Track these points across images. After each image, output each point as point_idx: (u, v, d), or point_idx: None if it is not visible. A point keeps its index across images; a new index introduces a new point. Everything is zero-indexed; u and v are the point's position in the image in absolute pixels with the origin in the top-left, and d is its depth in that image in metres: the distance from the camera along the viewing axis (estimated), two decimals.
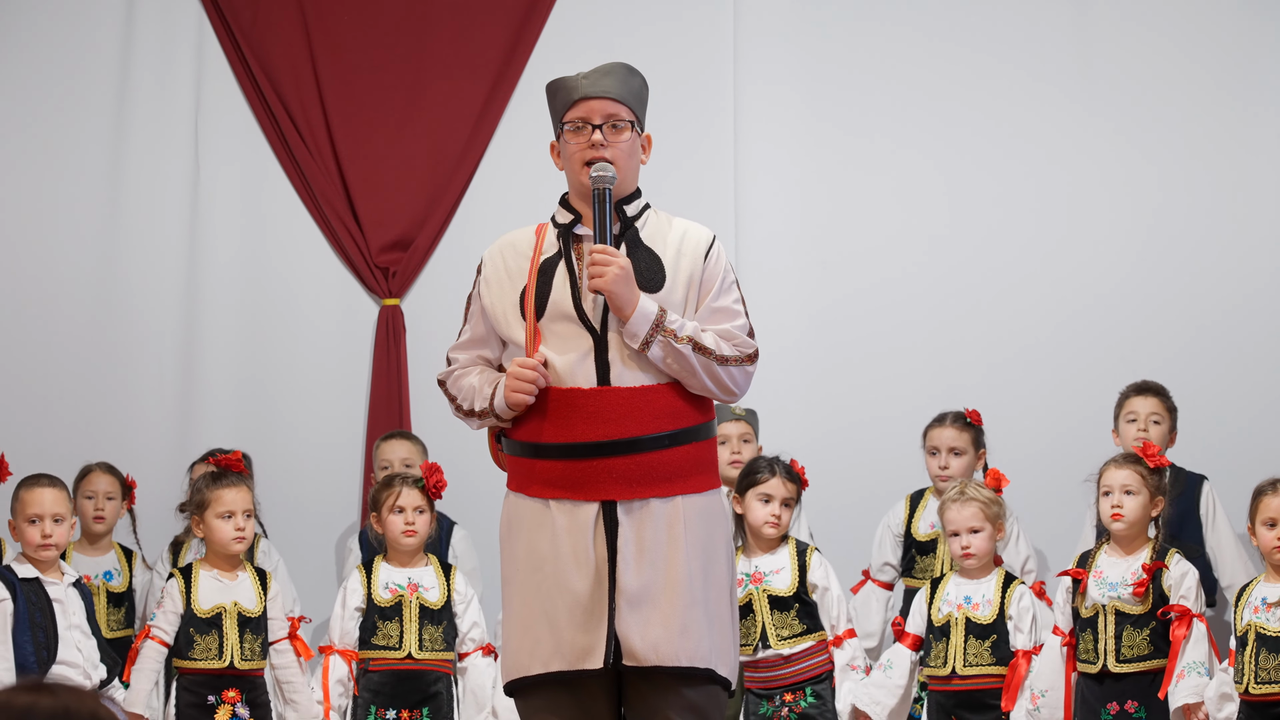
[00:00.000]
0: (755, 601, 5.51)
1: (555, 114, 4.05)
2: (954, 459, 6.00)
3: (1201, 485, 5.97)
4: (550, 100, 4.06)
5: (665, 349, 3.89)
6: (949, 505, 5.48)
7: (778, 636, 5.50)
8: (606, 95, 3.98)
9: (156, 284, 7.00)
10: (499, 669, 5.58)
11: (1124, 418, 6.03)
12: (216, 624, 5.46)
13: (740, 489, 5.55)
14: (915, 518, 6.06)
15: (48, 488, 5.33)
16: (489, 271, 4.08)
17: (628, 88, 4.01)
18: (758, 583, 5.52)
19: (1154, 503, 5.28)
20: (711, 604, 3.95)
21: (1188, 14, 6.78)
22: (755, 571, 5.53)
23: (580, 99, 3.98)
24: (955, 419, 6.04)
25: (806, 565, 5.53)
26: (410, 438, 6.45)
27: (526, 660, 3.94)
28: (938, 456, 6.03)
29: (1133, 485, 5.27)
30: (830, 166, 6.95)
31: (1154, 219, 6.78)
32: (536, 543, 3.94)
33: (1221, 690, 5.06)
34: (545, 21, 7.09)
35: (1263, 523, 5.06)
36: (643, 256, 3.99)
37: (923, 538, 6.06)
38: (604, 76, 4.00)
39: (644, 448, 3.90)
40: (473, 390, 4.03)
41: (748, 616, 5.51)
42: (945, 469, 6.00)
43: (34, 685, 2.21)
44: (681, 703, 3.91)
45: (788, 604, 5.51)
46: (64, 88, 7.00)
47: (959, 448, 6.01)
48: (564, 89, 4.03)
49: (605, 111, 3.98)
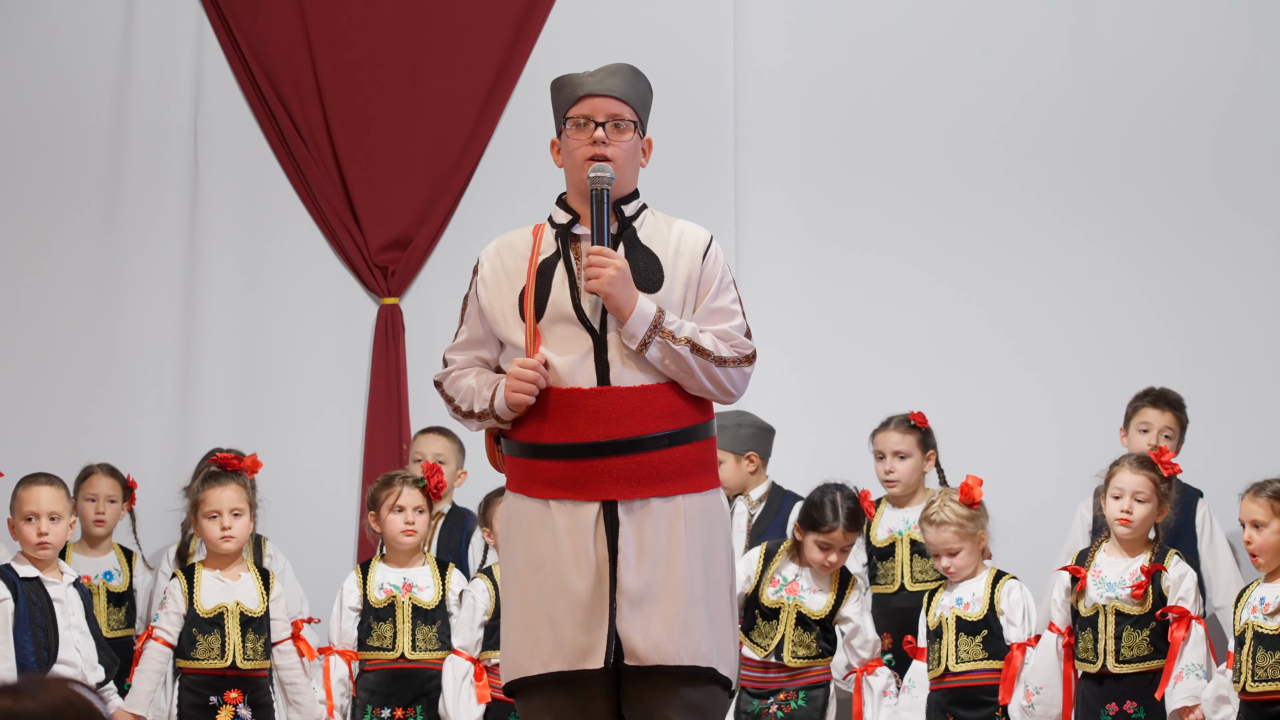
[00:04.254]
0: (784, 612, 5.50)
1: (558, 110, 4.04)
2: (899, 463, 5.97)
3: (1197, 501, 5.93)
4: (554, 95, 4.05)
5: (663, 350, 3.88)
6: (925, 528, 5.48)
7: (793, 654, 5.50)
8: (612, 94, 3.97)
9: (156, 283, 7.01)
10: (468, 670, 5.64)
11: (1136, 425, 5.99)
12: (219, 624, 5.46)
13: (803, 524, 5.50)
14: (873, 525, 5.99)
15: (44, 486, 5.33)
16: (486, 272, 4.05)
17: (633, 89, 4.00)
18: (793, 593, 5.52)
19: (1160, 510, 5.29)
20: (712, 603, 3.94)
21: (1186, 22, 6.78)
22: (794, 582, 5.54)
23: (585, 96, 3.97)
24: (899, 423, 6.00)
25: (845, 597, 5.52)
26: (447, 434, 6.36)
27: (527, 661, 3.92)
28: (884, 461, 6.00)
29: (1144, 492, 5.27)
30: (830, 166, 6.95)
31: (1155, 220, 6.77)
32: (536, 543, 3.92)
33: (1218, 692, 5.06)
34: (545, 21, 7.10)
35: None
36: (641, 256, 3.98)
37: (880, 544, 5.99)
38: (610, 76, 3.99)
39: (644, 447, 3.89)
40: (471, 391, 4.02)
41: (771, 621, 5.52)
42: (891, 473, 5.97)
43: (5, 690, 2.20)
44: (682, 702, 3.90)
45: (812, 626, 5.50)
46: (64, 88, 7.01)
47: (904, 451, 5.97)
48: (569, 85, 4.01)
49: (609, 110, 3.96)
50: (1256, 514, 5.04)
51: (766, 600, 5.54)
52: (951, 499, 5.43)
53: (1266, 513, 5.01)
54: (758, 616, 5.54)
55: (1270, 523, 5.01)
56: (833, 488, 5.52)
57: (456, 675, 5.61)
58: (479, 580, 5.71)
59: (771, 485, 6.24)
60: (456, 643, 5.65)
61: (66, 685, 2.20)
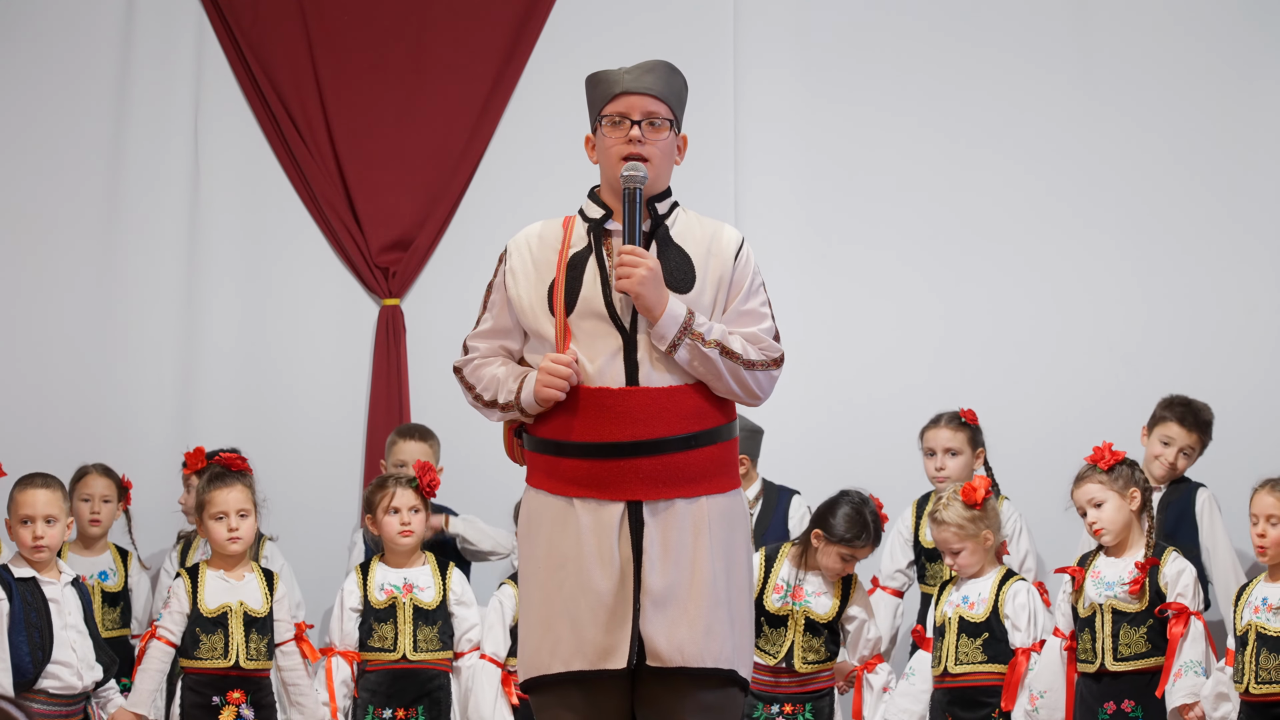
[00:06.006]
0: (791, 618, 5.51)
1: (593, 107, 4.01)
2: (950, 459, 5.98)
3: (1198, 491, 5.92)
4: (589, 92, 4.03)
5: (692, 352, 3.87)
6: (931, 525, 5.51)
7: (803, 660, 5.52)
8: (648, 92, 3.95)
9: (156, 283, 7.00)
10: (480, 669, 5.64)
11: (1158, 437, 5.94)
12: (222, 623, 5.46)
13: (828, 534, 5.49)
14: (922, 525, 5.99)
15: (41, 489, 5.33)
16: (515, 262, 4.01)
17: (669, 86, 3.99)
18: (798, 599, 5.51)
19: (1128, 497, 5.26)
20: (734, 605, 3.93)
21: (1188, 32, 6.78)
22: (798, 587, 5.51)
23: (621, 93, 3.95)
24: (950, 419, 6.02)
25: (850, 597, 5.54)
26: (426, 438, 6.34)
27: (547, 659, 3.91)
28: (934, 458, 6.02)
29: (1098, 496, 5.29)
30: (831, 163, 6.96)
31: (1157, 223, 6.78)
32: (559, 541, 3.91)
33: (1218, 690, 5.05)
34: (545, 21, 7.11)
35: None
36: (673, 256, 3.96)
37: (929, 544, 5.96)
38: (646, 73, 3.97)
39: (670, 448, 3.87)
40: (496, 381, 3.98)
41: (778, 628, 5.51)
42: (942, 470, 5.98)
43: None
44: (698, 704, 3.90)
45: (820, 630, 5.52)
46: (64, 88, 7.00)
47: (955, 448, 5.98)
48: (605, 82, 3.99)
49: (645, 109, 3.95)
50: (1270, 508, 5.01)
51: (771, 606, 5.54)
52: (956, 499, 5.42)
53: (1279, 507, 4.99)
54: (763, 623, 5.54)
55: None
56: (858, 500, 5.54)
57: (491, 682, 5.62)
58: (506, 586, 5.74)
59: (764, 484, 6.23)
60: (488, 649, 5.67)
61: None
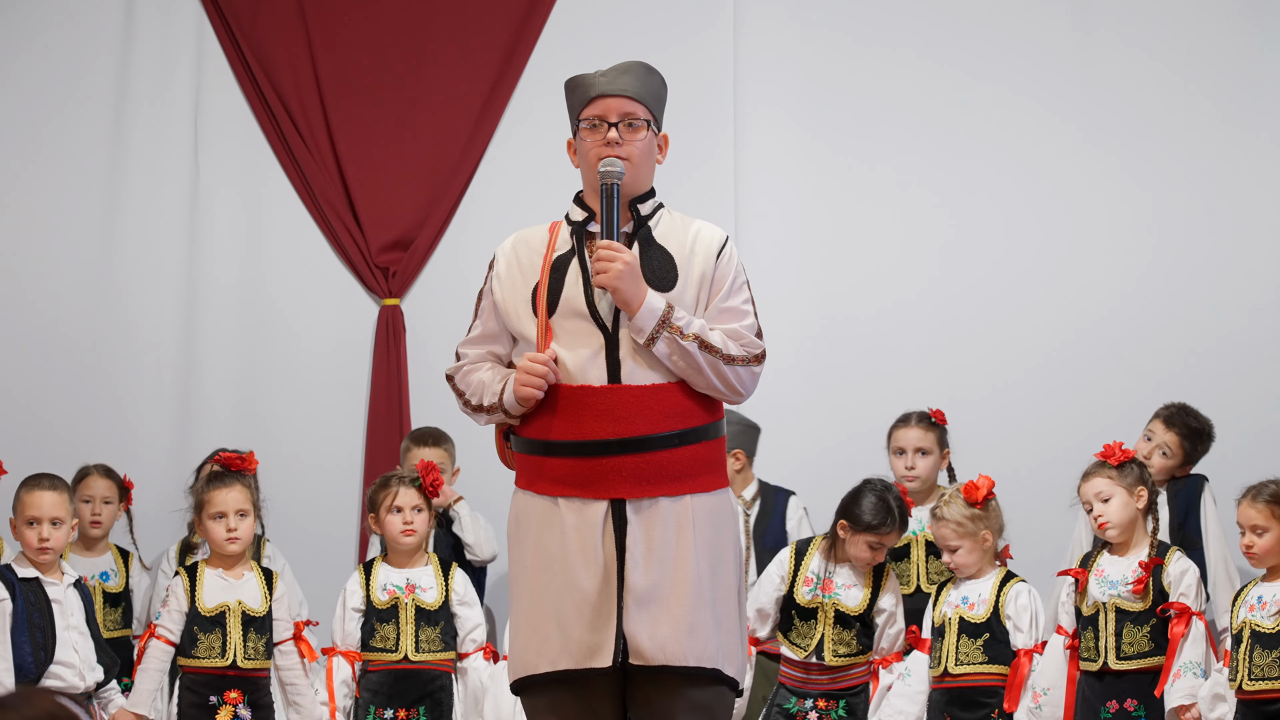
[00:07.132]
0: (821, 611, 5.51)
1: (572, 111, 4.04)
2: (920, 459, 5.96)
3: (1204, 484, 5.93)
4: (568, 97, 4.05)
5: (671, 345, 3.88)
6: (933, 521, 5.51)
7: (834, 653, 5.51)
8: (624, 93, 3.97)
9: (156, 284, 7.01)
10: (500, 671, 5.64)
11: (1144, 433, 5.94)
12: (220, 622, 5.46)
13: (853, 524, 5.49)
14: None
15: (47, 490, 5.31)
16: (501, 267, 4.05)
17: (646, 87, 4.00)
18: (827, 591, 5.51)
19: (1136, 495, 5.29)
20: (719, 604, 3.94)
21: (1189, 29, 6.78)
22: (828, 579, 5.53)
23: (597, 96, 3.97)
24: (920, 419, 6.00)
25: (881, 588, 5.54)
26: (440, 442, 6.29)
27: (534, 659, 3.93)
28: (904, 457, 5.99)
29: (1105, 491, 5.29)
30: (830, 167, 6.96)
31: (1156, 232, 6.79)
32: (545, 541, 3.93)
33: (1215, 690, 5.06)
34: (545, 22, 7.11)
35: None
36: (655, 255, 3.98)
37: (804, 602, 5.98)
38: (621, 75, 3.99)
39: (653, 446, 3.88)
40: (482, 385, 4.02)
41: (809, 621, 5.51)
42: (911, 469, 5.96)
43: None
44: (688, 703, 3.91)
45: (852, 623, 5.51)
46: (64, 88, 7.01)
47: (925, 448, 5.97)
48: (581, 86, 4.01)
49: (622, 110, 3.96)
50: (1255, 519, 5.01)
51: (801, 600, 5.54)
52: (958, 496, 5.45)
53: (1266, 517, 4.99)
54: (795, 617, 5.55)
55: (1271, 527, 4.99)
56: (881, 487, 5.54)
57: None
58: None
59: (760, 484, 6.23)
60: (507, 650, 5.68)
61: (51, 697, 2.20)
